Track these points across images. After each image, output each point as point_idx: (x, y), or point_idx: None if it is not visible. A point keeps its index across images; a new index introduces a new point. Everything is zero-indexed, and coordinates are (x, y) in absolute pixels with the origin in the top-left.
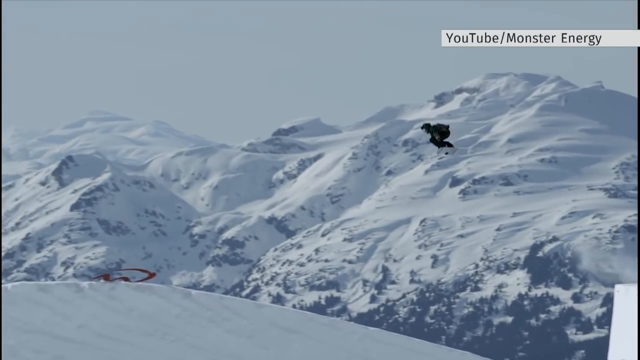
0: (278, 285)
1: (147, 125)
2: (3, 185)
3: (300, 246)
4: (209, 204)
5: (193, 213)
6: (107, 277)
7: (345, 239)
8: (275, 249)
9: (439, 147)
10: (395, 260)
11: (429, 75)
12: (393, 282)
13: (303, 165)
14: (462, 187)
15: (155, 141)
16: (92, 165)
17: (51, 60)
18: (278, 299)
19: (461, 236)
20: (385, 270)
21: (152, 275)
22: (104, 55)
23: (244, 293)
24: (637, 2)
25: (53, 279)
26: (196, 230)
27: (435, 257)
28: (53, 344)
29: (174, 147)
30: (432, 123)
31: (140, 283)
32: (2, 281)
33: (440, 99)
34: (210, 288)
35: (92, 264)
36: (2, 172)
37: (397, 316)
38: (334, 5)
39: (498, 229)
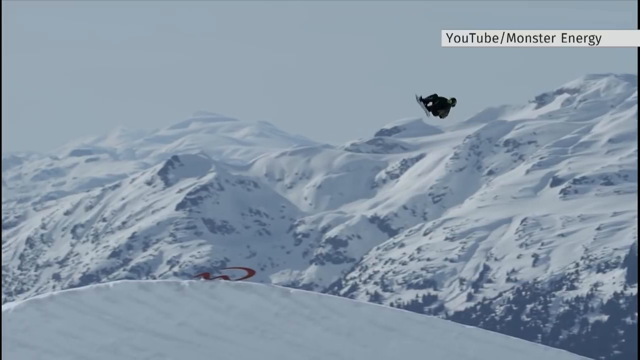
0: (376, 283)
1: (251, 125)
2: (111, 184)
3: (402, 245)
4: (313, 203)
5: (297, 212)
6: (207, 276)
7: (446, 238)
8: (378, 248)
9: (431, 109)
10: (496, 259)
11: (530, 76)
12: (490, 281)
13: (405, 165)
14: (562, 186)
15: (259, 141)
16: (198, 165)
17: (158, 62)
18: (376, 298)
19: (562, 235)
20: (486, 269)
21: (251, 274)
22: (210, 57)
23: (342, 291)
24: (637, 2)
25: (154, 278)
26: (300, 229)
27: (536, 256)
28: (154, 341)
29: (278, 147)
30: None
31: (239, 281)
32: (106, 279)
33: (541, 100)
34: (309, 287)
35: (197, 263)
36: (110, 172)
37: (493, 314)
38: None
39: (598, 228)
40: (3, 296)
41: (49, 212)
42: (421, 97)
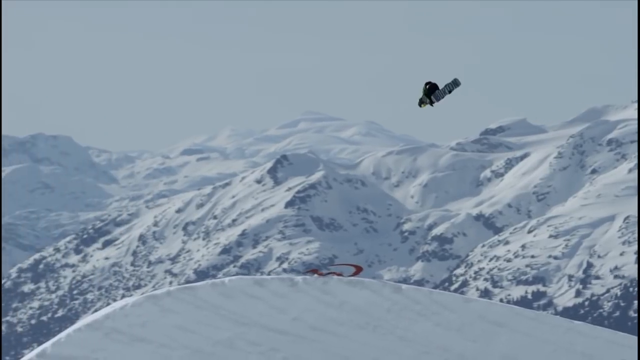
0: (485, 280)
1: (358, 125)
2: (221, 183)
3: (507, 242)
4: (419, 201)
5: (403, 210)
6: (318, 272)
7: (550, 236)
8: (483, 245)
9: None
10: (599, 256)
11: (632, 76)
12: (597, 277)
13: (510, 164)
14: None
15: (366, 140)
16: (306, 164)
17: (267, 63)
18: (485, 294)
19: None
20: (589, 265)
21: (359, 270)
22: (317, 58)
23: (452, 288)
24: (637, 2)
25: (263, 274)
26: (406, 226)
27: (638, 254)
28: (268, 336)
29: (384, 146)
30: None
31: (351, 277)
32: (218, 275)
33: None
34: (419, 283)
35: (305, 260)
36: (220, 170)
37: (601, 310)
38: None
39: None
40: (121, 291)
41: (161, 210)
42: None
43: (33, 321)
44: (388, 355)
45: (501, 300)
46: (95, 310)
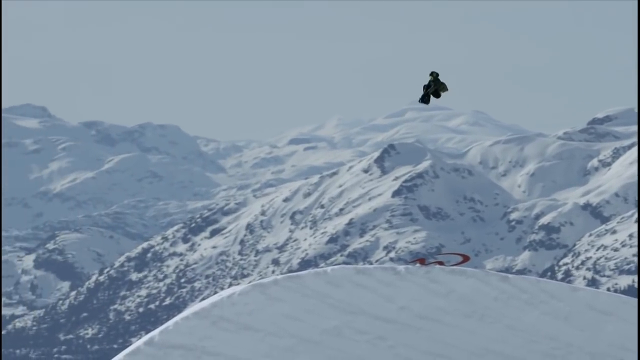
0: (588, 269)
1: (466, 114)
2: (328, 172)
3: (614, 232)
4: (526, 190)
5: (510, 199)
6: (422, 261)
7: None
8: (590, 234)
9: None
10: None
11: None
12: None
13: (617, 154)
14: None
15: (473, 130)
16: (413, 153)
17: (374, 53)
18: (592, 283)
19: None
20: None
21: (466, 259)
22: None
23: (556, 277)
24: (637, 2)
25: (370, 263)
26: (513, 216)
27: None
28: (375, 324)
29: (491, 135)
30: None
31: (455, 267)
32: (324, 265)
33: None
34: (522, 272)
35: (412, 249)
36: (328, 160)
37: None
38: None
39: None
40: (228, 280)
41: (269, 199)
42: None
43: (141, 309)
44: (495, 343)
45: (608, 290)
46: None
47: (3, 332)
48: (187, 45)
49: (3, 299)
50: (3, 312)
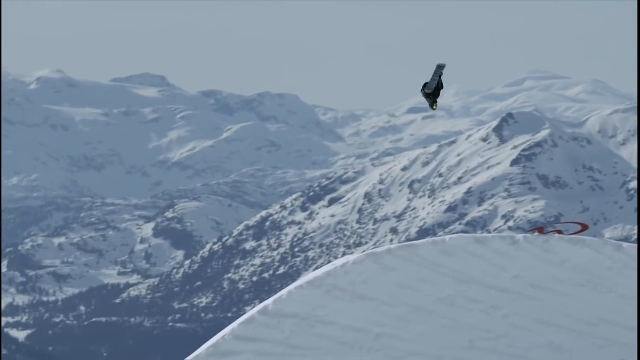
0: None
1: (585, 83)
2: (447, 141)
3: None
4: None
5: (629, 168)
6: (541, 230)
7: None
8: None
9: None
10: None
11: None
12: None
13: None
14: None
15: (592, 99)
16: (532, 122)
17: (493, 21)
18: None
19: None
20: None
21: (585, 228)
22: (543, 17)
23: None
24: (637, 2)
25: (489, 232)
26: (632, 185)
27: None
28: (489, 294)
29: (610, 104)
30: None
31: (572, 236)
32: (442, 234)
33: None
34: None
35: (531, 218)
36: (446, 129)
37: None
38: None
39: None
40: (342, 249)
41: (387, 168)
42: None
43: (255, 278)
44: (608, 312)
45: None
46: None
47: (117, 300)
48: (305, 15)
49: (118, 267)
50: (118, 281)
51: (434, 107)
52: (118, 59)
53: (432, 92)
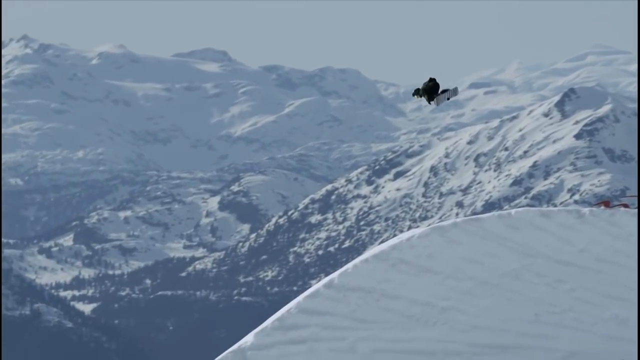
0: None
1: None
2: (508, 116)
3: None
4: None
5: None
6: (607, 204)
7: None
8: None
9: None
10: None
11: None
12: None
13: None
14: None
15: None
16: (594, 97)
17: None
18: None
19: None
20: None
21: None
22: None
23: None
24: (637, 2)
25: (555, 206)
26: None
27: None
28: (554, 267)
29: None
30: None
31: (638, 209)
32: (507, 207)
33: None
34: None
35: (597, 191)
36: (508, 104)
37: None
38: None
39: None
40: (407, 222)
41: (452, 142)
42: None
43: (320, 252)
44: None
45: None
46: (382, 242)
47: (183, 273)
48: None
49: (184, 241)
50: (183, 254)
51: (431, 102)
52: (180, 34)
53: (425, 92)
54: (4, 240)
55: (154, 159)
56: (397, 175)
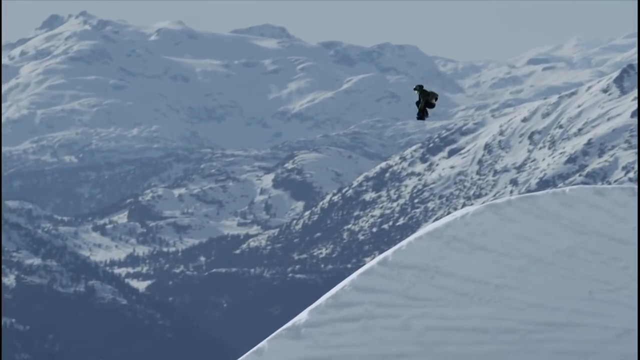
0: None
1: None
2: (567, 92)
3: None
4: None
5: None
6: None
7: None
8: None
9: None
10: None
11: None
12: None
13: None
14: None
15: None
16: None
17: None
18: None
19: None
20: None
21: None
22: None
23: None
24: (637, 2)
25: (609, 183)
26: None
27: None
28: (608, 245)
29: None
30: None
31: None
32: (562, 185)
33: None
34: None
35: None
36: (566, 80)
37: None
38: None
39: None
40: (461, 200)
41: (507, 119)
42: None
43: (374, 229)
44: None
45: None
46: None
47: (237, 251)
48: None
49: (238, 218)
50: (238, 232)
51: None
52: (238, 11)
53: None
54: (58, 217)
55: (208, 137)
56: (452, 153)
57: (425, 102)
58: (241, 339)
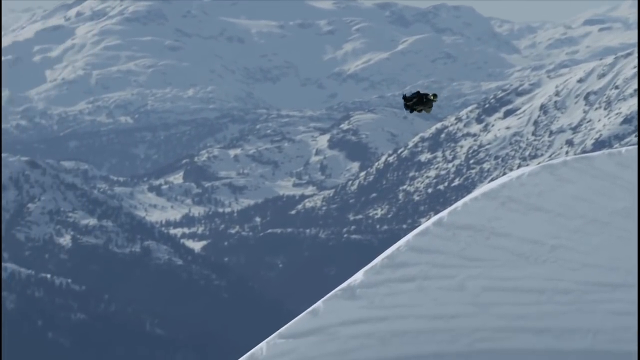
0: None
1: None
2: (623, 53)
3: None
4: None
5: None
6: None
7: None
8: None
9: (409, 107)
10: None
11: None
12: None
13: None
14: None
15: None
16: None
17: None
18: None
19: None
20: None
21: None
22: None
23: None
24: (637, 2)
25: None
26: None
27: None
28: None
29: None
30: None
31: None
32: (617, 145)
33: None
34: None
35: None
36: (623, 40)
37: None
38: None
39: None
40: (517, 161)
41: (563, 80)
42: (404, 95)
43: (429, 190)
44: None
45: None
46: (491, 180)
47: (293, 211)
48: None
49: (293, 179)
50: (293, 192)
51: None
52: None
53: (411, 102)
54: (114, 177)
55: (263, 98)
56: (507, 114)
57: (419, 100)
58: (296, 299)
